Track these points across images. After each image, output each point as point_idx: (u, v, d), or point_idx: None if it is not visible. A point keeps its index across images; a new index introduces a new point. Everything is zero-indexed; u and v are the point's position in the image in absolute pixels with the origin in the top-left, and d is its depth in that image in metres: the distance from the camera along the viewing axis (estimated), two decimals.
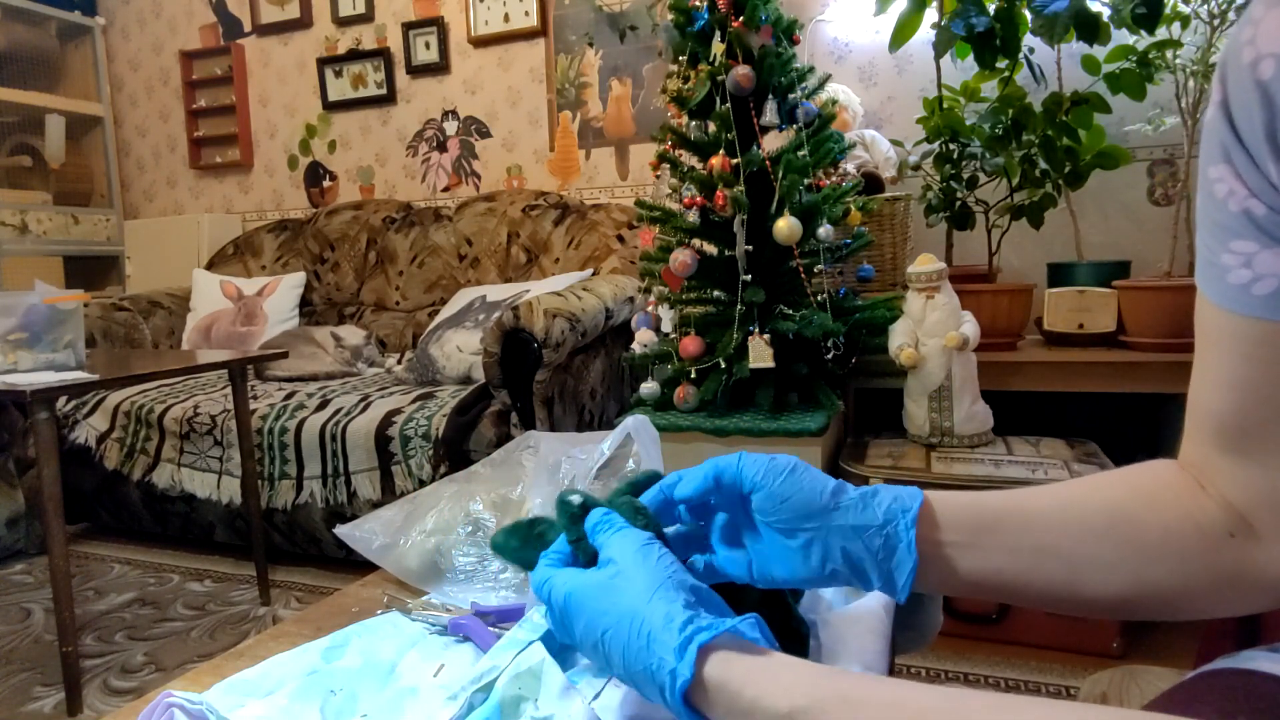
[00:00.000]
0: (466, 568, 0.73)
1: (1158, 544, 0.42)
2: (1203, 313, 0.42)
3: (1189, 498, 0.43)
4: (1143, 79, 1.77)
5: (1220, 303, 0.40)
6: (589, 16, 2.80)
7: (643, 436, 0.66)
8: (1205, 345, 0.42)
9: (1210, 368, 0.42)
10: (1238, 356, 0.40)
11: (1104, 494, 0.44)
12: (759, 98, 1.62)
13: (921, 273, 1.61)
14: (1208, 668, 0.40)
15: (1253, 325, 0.39)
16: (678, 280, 1.64)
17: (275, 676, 0.55)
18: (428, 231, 2.91)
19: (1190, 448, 0.44)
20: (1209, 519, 0.42)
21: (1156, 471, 0.45)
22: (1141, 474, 0.45)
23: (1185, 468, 0.45)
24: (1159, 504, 0.43)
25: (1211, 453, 0.42)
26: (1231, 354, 0.40)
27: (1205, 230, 0.41)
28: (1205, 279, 0.41)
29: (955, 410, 1.63)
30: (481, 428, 1.90)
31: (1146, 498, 0.43)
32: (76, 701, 1.48)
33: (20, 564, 2.25)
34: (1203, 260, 0.41)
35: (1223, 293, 0.40)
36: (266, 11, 3.31)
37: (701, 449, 1.57)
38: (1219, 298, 0.40)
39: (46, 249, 3.34)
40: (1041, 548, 0.43)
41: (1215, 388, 0.41)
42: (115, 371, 1.65)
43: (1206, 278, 0.41)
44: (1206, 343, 0.42)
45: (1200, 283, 0.42)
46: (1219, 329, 0.41)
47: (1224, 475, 0.42)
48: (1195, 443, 0.44)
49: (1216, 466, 0.42)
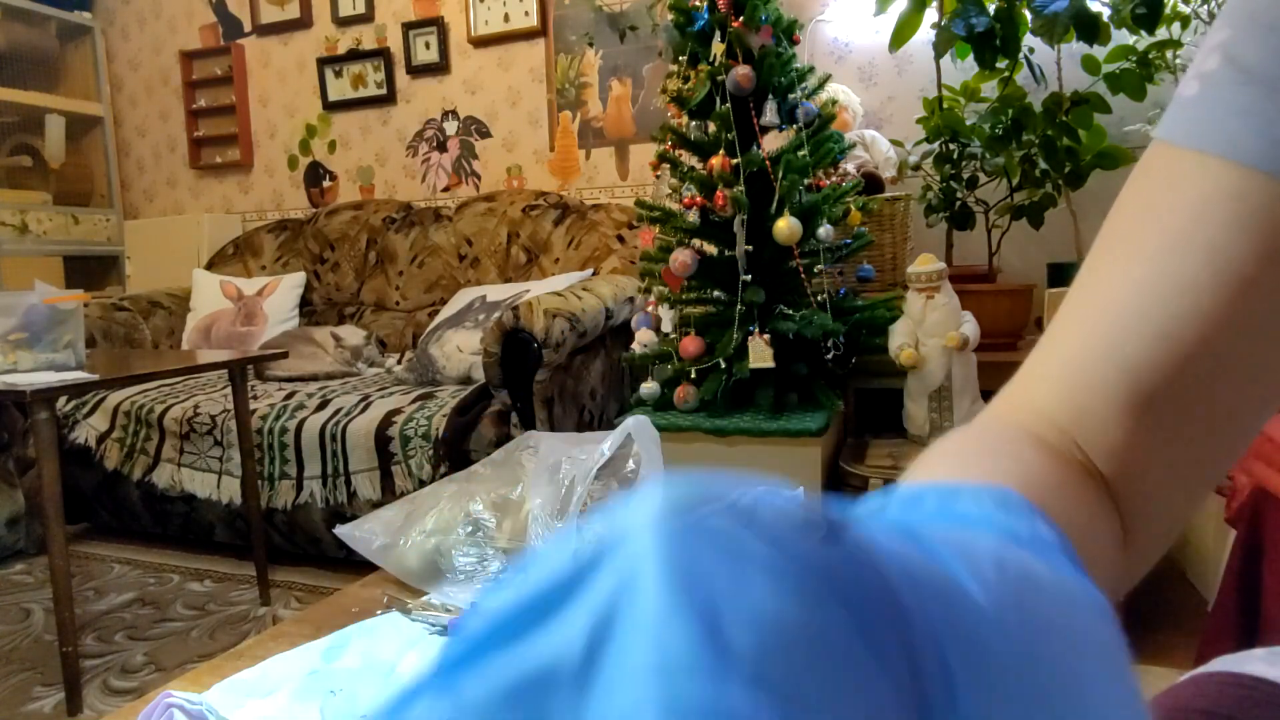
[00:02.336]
0: (466, 568, 0.73)
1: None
2: (1155, 175, 0.29)
3: (1087, 484, 0.28)
4: (1143, 79, 1.77)
5: (1201, 143, 0.27)
6: (589, 16, 2.80)
7: (643, 437, 0.66)
8: (1150, 224, 0.28)
9: (1151, 260, 0.27)
10: (1220, 240, 0.26)
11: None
12: (759, 98, 1.62)
13: (921, 273, 1.61)
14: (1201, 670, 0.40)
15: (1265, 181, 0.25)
16: (678, 280, 1.64)
17: (275, 676, 0.55)
18: (428, 231, 2.91)
19: (1060, 390, 0.29)
20: (1114, 524, 0.28)
21: (1029, 454, 0.28)
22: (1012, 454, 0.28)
23: (1037, 429, 0.29)
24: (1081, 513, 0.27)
25: (1107, 402, 0.28)
26: (1205, 235, 0.26)
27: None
28: (1183, 114, 0.28)
29: (955, 410, 1.63)
30: (481, 428, 1.90)
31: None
32: (76, 701, 1.48)
33: (20, 564, 2.25)
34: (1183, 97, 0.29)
35: (1221, 125, 0.27)
36: (266, 11, 3.31)
37: (701, 449, 1.57)
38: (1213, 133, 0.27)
39: (46, 249, 3.34)
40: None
41: (1153, 292, 0.27)
42: (115, 371, 1.65)
43: (1186, 113, 0.28)
44: (1155, 219, 0.28)
45: (1171, 131, 0.28)
46: (1189, 197, 0.27)
47: (1116, 439, 0.28)
48: (1077, 385, 0.29)
49: (1107, 423, 0.28)
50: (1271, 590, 0.89)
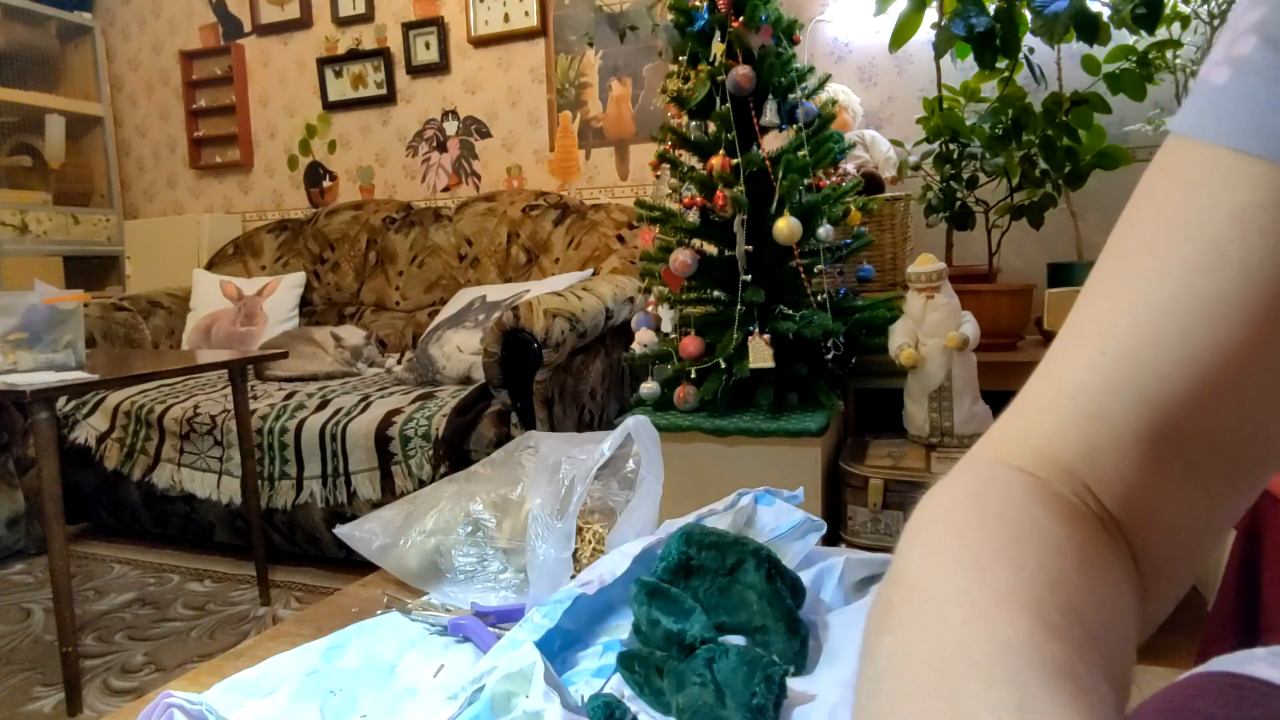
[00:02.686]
0: (466, 568, 0.73)
1: (1119, 646, 0.24)
2: (1178, 179, 0.26)
3: (1105, 545, 0.25)
4: (1143, 79, 1.77)
5: (1233, 140, 0.23)
6: (589, 16, 2.80)
7: (643, 437, 0.66)
8: (1177, 236, 0.25)
9: (1177, 277, 0.24)
10: (1257, 255, 0.22)
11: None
12: (759, 98, 1.62)
13: (921, 273, 1.61)
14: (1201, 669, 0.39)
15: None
16: (678, 280, 1.64)
17: (275, 676, 0.55)
18: (428, 231, 2.91)
19: (1069, 428, 0.26)
20: (1128, 576, 0.26)
21: (1034, 499, 0.25)
22: (1037, 517, 0.25)
23: (1041, 470, 0.27)
24: (1100, 577, 0.24)
25: (1123, 441, 0.25)
26: (1240, 249, 0.23)
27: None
28: (1211, 105, 0.25)
29: (955, 410, 1.63)
30: (481, 428, 1.90)
31: (1090, 569, 0.24)
32: (76, 701, 1.48)
33: (20, 564, 2.25)
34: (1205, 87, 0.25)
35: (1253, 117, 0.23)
36: (266, 11, 3.31)
37: (701, 449, 1.57)
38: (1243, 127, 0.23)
39: (46, 249, 3.34)
40: None
41: (1179, 311, 0.24)
42: (115, 371, 1.65)
43: (1210, 105, 0.25)
44: (1181, 232, 0.25)
45: (1199, 124, 0.25)
46: (1222, 203, 0.23)
47: (1133, 483, 0.25)
48: (1090, 420, 0.26)
49: (1123, 465, 0.25)
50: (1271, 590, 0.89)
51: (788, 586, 0.54)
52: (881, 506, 1.54)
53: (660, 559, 0.55)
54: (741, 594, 0.53)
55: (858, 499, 1.56)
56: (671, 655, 0.49)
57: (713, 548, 0.54)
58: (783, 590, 0.53)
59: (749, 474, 1.51)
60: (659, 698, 0.49)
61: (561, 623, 0.53)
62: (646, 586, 0.52)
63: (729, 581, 0.53)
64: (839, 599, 0.62)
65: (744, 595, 0.52)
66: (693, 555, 0.54)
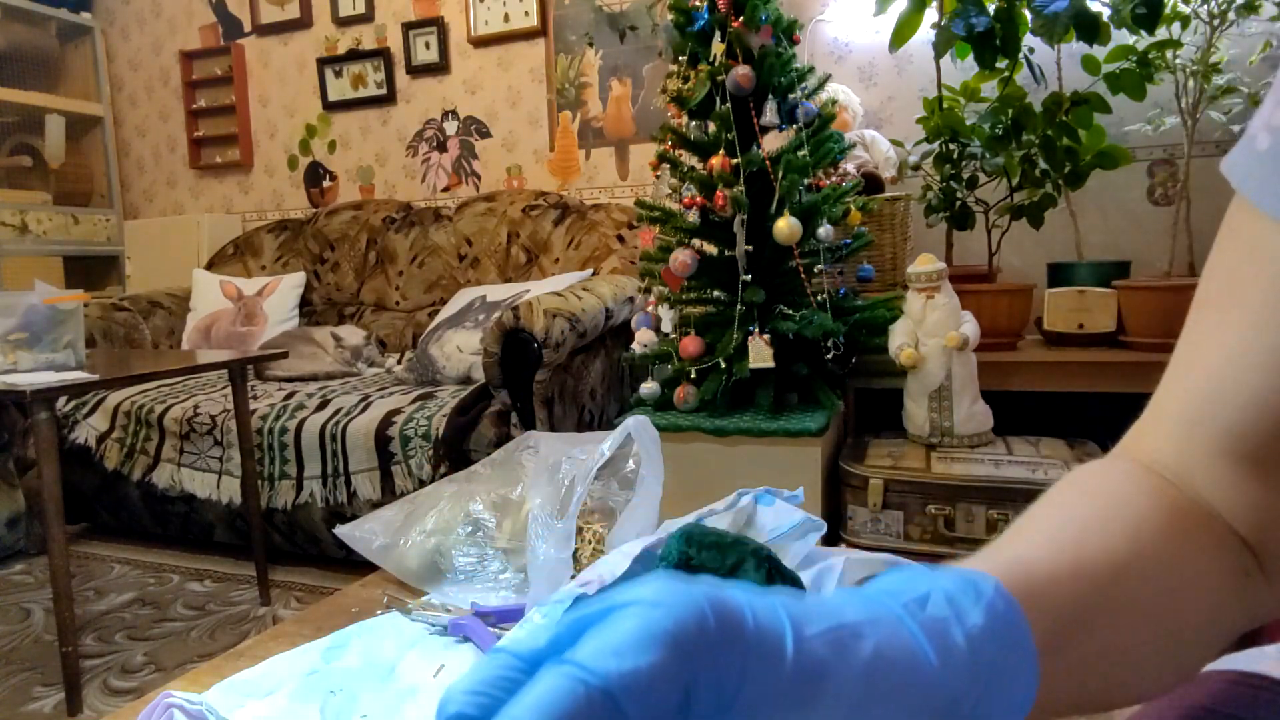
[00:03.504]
0: (466, 568, 0.73)
1: (1204, 615, 0.28)
2: (1239, 237, 0.29)
3: (1205, 525, 0.30)
4: (1143, 79, 1.77)
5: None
6: (589, 16, 2.80)
7: (643, 437, 0.66)
8: (1236, 295, 0.29)
9: (1240, 331, 0.29)
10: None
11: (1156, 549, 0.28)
12: (759, 98, 1.62)
13: (921, 273, 1.61)
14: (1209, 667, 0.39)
15: None
16: (678, 280, 1.64)
17: (275, 676, 0.55)
18: (428, 231, 2.90)
19: (1168, 445, 0.32)
20: (1232, 555, 0.30)
21: (1143, 489, 0.30)
22: (1140, 501, 0.29)
23: (1155, 469, 0.32)
24: (1191, 548, 0.29)
25: (1212, 459, 0.30)
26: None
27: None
28: (1260, 171, 0.28)
29: (955, 410, 1.63)
30: (481, 428, 1.90)
31: (1178, 539, 0.29)
32: (76, 701, 1.48)
33: (20, 564, 2.25)
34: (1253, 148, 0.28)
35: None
36: (266, 11, 3.31)
37: (701, 449, 1.57)
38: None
39: (46, 249, 3.34)
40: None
41: (1244, 363, 0.29)
42: (115, 371, 1.65)
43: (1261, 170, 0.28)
44: (1240, 291, 0.29)
45: (1244, 180, 0.28)
46: (1272, 270, 0.28)
47: (1231, 494, 0.30)
48: (1182, 440, 0.31)
49: (1218, 480, 0.30)
50: None
51: (788, 586, 0.54)
52: (881, 506, 1.54)
53: (660, 559, 0.55)
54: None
55: (858, 499, 1.56)
56: None
57: (713, 548, 0.54)
58: (783, 590, 0.53)
59: (749, 474, 1.51)
60: None
61: None
62: None
63: (729, 581, 0.53)
64: None
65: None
66: (693, 555, 0.54)
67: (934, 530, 1.50)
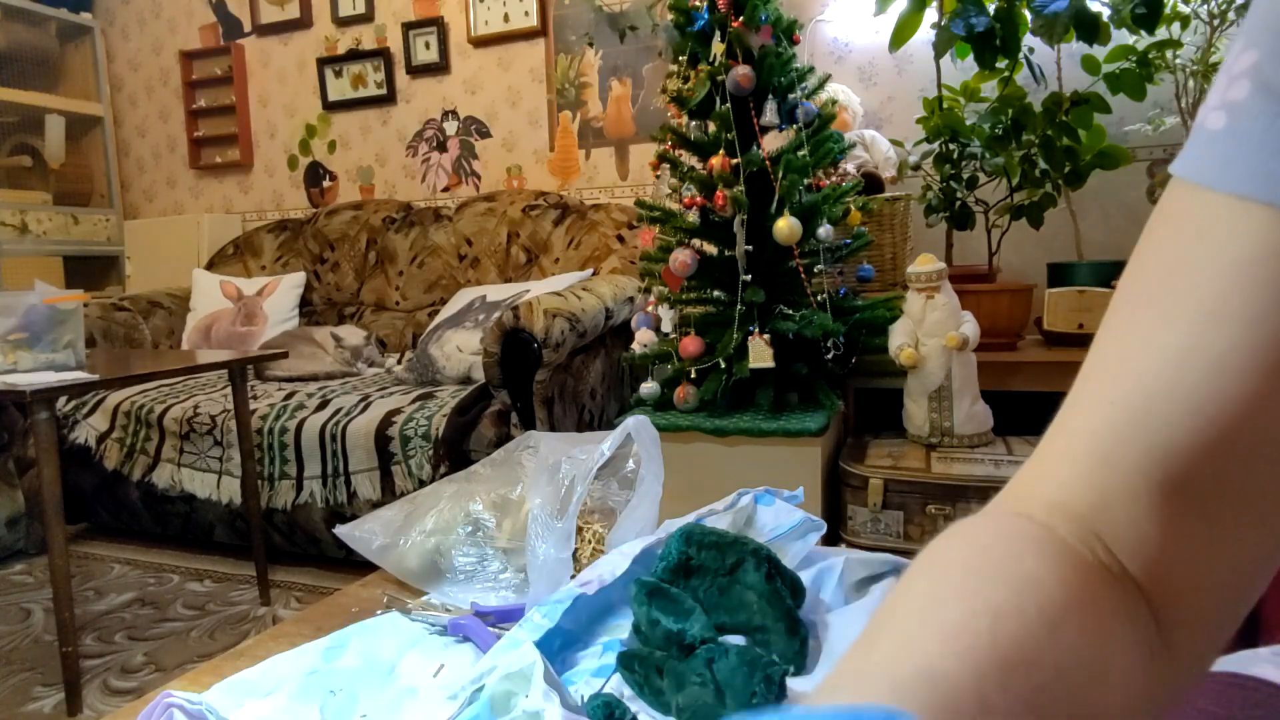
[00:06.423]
0: (466, 568, 0.73)
1: (1120, 712, 0.24)
2: (1184, 222, 0.26)
3: (1120, 604, 0.25)
4: (1143, 79, 1.77)
5: (1240, 187, 0.24)
6: (589, 16, 2.80)
7: (643, 436, 0.66)
8: (1185, 284, 0.25)
9: (1189, 326, 0.24)
10: (1262, 308, 0.23)
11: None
12: (759, 98, 1.62)
13: (921, 273, 1.61)
14: None
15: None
16: (678, 280, 1.64)
17: (275, 676, 0.55)
18: (428, 231, 2.91)
19: (1078, 481, 0.26)
20: (1144, 631, 0.25)
21: (1049, 561, 0.25)
22: (1048, 580, 0.24)
23: (1055, 525, 0.26)
24: (1106, 636, 0.24)
25: (1135, 491, 0.25)
26: (1243, 300, 0.23)
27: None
28: (1211, 151, 0.25)
29: (955, 410, 1.63)
30: (481, 428, 1.90)
31: (1093, 625, 0.24)
32: (76, 702, 1.48)
33: (20, 564, 2.25)
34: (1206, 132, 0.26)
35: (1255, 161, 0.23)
36: (266, 11, 3.31)
37: (701, 449, 1.57)
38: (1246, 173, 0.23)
39: (46, 249, 3.34)
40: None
41: (1190, 363, 0.24)
42: (115, 371, 1.65)
43: (1211, 151, 0.25)
44: (1190, 278, 0.25)
45: (1197, 170, 0.25)
46: (1226, 253, 0.24)
47: (1149, 533, 0.25)
48: (1099, 469, 0.26)
49: (1137, 517, 0.25)
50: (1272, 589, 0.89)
51: (788, 586, 0.54)
52: (881, 506, 1.54)
53: (660, 559, 0.55)
54: (741, 594, 0.53)
55: (858, 499, 1.56)
56: (671, 655, 0.49)
57: (713, 547, 0.54)
58: (782, 590, 0.53)
59: (749, 474, 1.51)
60: (659, 698, 0.49)
61: (561, 623, 0.53)
62: (646, 586, 0.52)
63: (729, 581, 0.53)
64: (839, 599, 0.62)
65: (744, 595, 0.52)
66: (693, 555, 0.54)
67: (934, 530, 1.50)
